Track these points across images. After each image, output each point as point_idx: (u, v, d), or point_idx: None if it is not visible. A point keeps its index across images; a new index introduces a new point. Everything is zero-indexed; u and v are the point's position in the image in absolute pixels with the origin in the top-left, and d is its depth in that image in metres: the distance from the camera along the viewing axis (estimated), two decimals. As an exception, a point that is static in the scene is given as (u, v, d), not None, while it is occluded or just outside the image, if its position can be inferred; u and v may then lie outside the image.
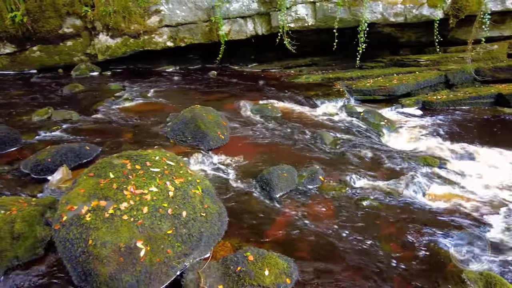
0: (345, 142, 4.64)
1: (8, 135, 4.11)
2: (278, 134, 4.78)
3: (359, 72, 7.90)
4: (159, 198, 2.39)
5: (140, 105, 5.77)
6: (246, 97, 6.20)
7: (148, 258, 2.14)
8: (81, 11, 7.70)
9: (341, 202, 3.32)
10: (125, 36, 7.96)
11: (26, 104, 5.90)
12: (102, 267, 2.07)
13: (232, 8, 7.66)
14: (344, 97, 6.47)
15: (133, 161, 2.60)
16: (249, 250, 2.37)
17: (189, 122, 4.40)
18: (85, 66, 8.13)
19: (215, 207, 2.71)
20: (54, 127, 4.75)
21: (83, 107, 5.59)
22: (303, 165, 3.89)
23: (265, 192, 3.36)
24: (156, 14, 7.83)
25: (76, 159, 3.68)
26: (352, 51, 7.84)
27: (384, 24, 7.79)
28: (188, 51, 8.96)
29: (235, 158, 4.07)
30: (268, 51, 9.30)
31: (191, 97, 6.27)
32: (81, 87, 6.73)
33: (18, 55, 8.21)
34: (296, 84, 7.20)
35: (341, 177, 3.72)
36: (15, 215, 2.53)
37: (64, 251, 2.17)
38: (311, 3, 7.51)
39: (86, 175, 2.47)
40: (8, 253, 2.41)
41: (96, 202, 2.22)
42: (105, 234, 2.09)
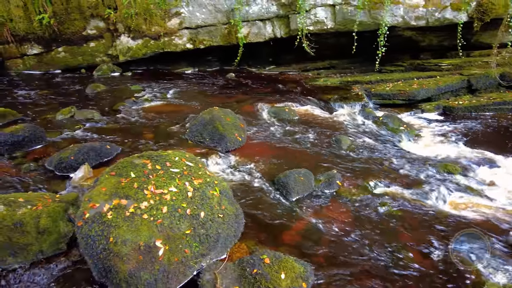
0: (363, 146, 4.59)
1: (34, 133, 4.26)
2: (295, 137, 4.77)
3: (378, 76, 7.80)
4: (178, 198, 2.43)
5: (160, 106, 5.87)
6: (264, 99, 6.22)
7: (167, 257, 2.18)
8: (105, 13, 7.90)
9: (359, 208, 3.28)
10: (145, 38, 8.13)
11: (51, 103, 6.10)
12: (122, 265, 2.12)
13: (251, 11, 7.70)
14: (363, 101, 6.40)
15: (154, 161, 2.65)
16: (266, 253, 2.38)
17: (207, 124, 4.45)
18: (106, 66, 8.33)
19: (232, 209, 2.73)
20: (76, 126, 4.89)
21: (104, 107, 5.73)
22: (320, 169, 3.87)
23: (282, 195, 3.36)
24: (177, 16, 7.96)
25: (97, 158, 3.78)
26: (371, 54, 7.76)
27: (404, 28, 7.67)
28: (206, 53, 9.06)
29: (251, 161, 4.09)
30: (286, 53, 9.30)
31: (209, 98, 6.34)
32: (103, 87, 6.90)
33: (44, 56, 8.50)
34: (314, 87, 7.17)
35: (359, 182, 3.69)
36: (41, 210, 2.61)
37: (86, 248, 2.23)
38: (331, 6, 7.47)
39: (108, 174, 2.54)
40: (33, 247, 2.50)
41: (118, 201, 2.28)
42: (126, 232, 2.14)
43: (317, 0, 7.40)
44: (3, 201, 2.57)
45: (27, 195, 2.84)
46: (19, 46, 8.29)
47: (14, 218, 2.51)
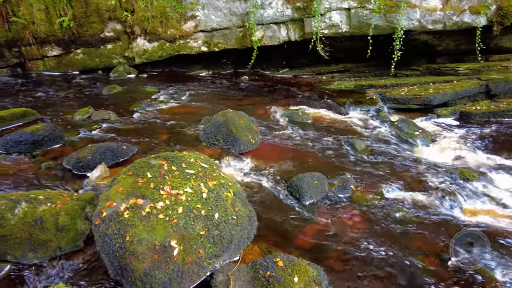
0: (378, 151, 4.55)
1: (54, 133, 4.38)
2: (308, 141, 4.76)
3: (393, 80, 7.71)
4: (193, 199, 2.46)
5: (175, 108, 5.95)
6: (277, 102, 6.23)
7: (181, 257, 2.21)
8: (122, 16, 8.06)
9: (373, 213, 3.25)
10: (161, 40, 8.26)
11: (69, 104, 6.25)
12: (137, 263, 2.15)
13: (266, 14, 7.74)
14: (377, 105, 6.35)
15: (170, 162, 2.69)
16: (279, 256, 2.38)
17: (221, 126, 4.49)
18: (123, 68, 8.49)
19: (245, 211, 2.74)
20: (93, 126, 5.00)
21: (120, 108, 5.84)
22: (334, 173, 3.85)
23: (295, 199, 3.36)
24: (192, 19, 8.06)
25: (113, 158, 3.86)
26: (386, 58, 7.69)
27: (421, 32, 7.58)
28: (221, 56, 9.14)
29: (265, 163, 4.10)
30: (300, 57, 9.29)
31: (223, 101, 6.39)
32: (119, 88, 7.04)
33: (64, 57, 8.72)
34: (328, 91, 7.14)
35: (373, 187, 3.65)
36: (60, 208, 2.68)
37: (103, 246, 2.27)
38: (346, 9, 7.44)
39: (125, 174, 2.59)
40: (52, 243, 2.57)
41: (134, 200, 2.32)
42: (142, 231, 2.18)
43: (332, 4, 7.38)
44: (25, 198, 2.65)
45: (47, 193, 2.92)
46: (40, 48, 8.53)
47: (35, 215, 2.59)
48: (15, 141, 4.19)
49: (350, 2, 7.34)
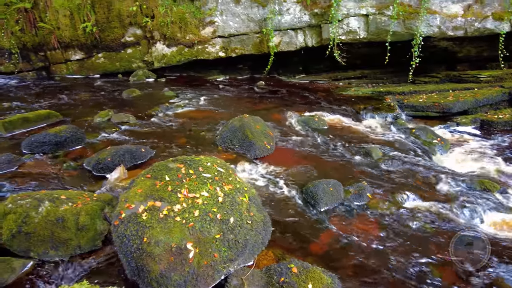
0: (395, 159, 4.49)
1: (75, 135, 4.52)
2: (324, 147, 4.75)
3: (412, 87, 7.61)
4: (210, 202, 2.49)
5: (192, 112, 6.04)
6: (293, 108, 6.24)
7: (196, 260, 2.24)
8: (142, 21, 8.27)
9: (389, 222, 3.21)
10: (180, 46, 8.41)
11: (90, 106, 6.44)
12: (154, 265, 2.20)
13: (284, 20, 7.79)
14: (395, 112, 6.28)
15: (187, 165, 2.74)
16: (293, 262, 2.38)
17: (237, 131, 4.53)
18: (142, 72, 8.68)
19: (260, 216, 2.75)
20: (113, 129, 5.13)
21: (139, 111, 5.97)
22: (350, 180, 3.82)
23: (310, 205, 3.36)
24: (210, 25, 8.19)
25: (132, 160, 3.95)
26: (404, 65, 7.60)
27: (440, 38, 7.46)
28: (237, 61, 9.23)
29: (280, 169, 4.11)
30: (316, 62, 9.29)
31: (239, 106, 6.44)
32: (138, 92, 7.20)
33: (86, 61, 9.00)
34: (345, 97, 7.11)
35: (390, 195, 3.61)
36: (80, 208, 2.77)
37: (121, 246, 2.33)
38: (364, 16, 7.41)
39: (144, 176, 2.65)
40: (72, 242, 2.64)
41: (152, 203, 2.37)
42: (159, 233, 2.23)
43: (350, 10, 7.36)
44: (48, 197, 2.74)
45: (69, 193, 3.01)
46: (64, 52, 8.83)
47: (57, 214, 2.68)
48: (39, 142, 4.34)
49: (369, 8, 7.30)
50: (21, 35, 8.50)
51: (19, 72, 8.98)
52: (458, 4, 7.01)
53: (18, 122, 5.09)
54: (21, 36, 8.51)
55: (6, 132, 4.91)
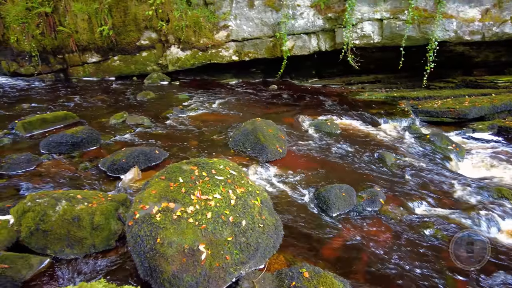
0: (409, 165, 4.44)
1: (91, 136, 4.62)
2: (336, 151, 4.72)
3: (426, 92, 7.51)
4: (222, 205, 2.51)
5: (205, 115, 6.10)
6: (306, 112, 6.23)
7: (208, 262, 2.26)
8: (157, 25, 8.40)
9: (402, 228, 3.17)
10: (194, 49, 8.51)
11: (105, 108, 6.57)
12: (166, 265, 2.22)
13: (297, 24, 7.80)
14: (409, 117, 6.20)
15: (201, 168, 2.77)
16: (305, 267, 2.38)
17: (249, 134, 4.55)
18: (156, 75, 8.81)
19: (272, 220, 2.76)
20: (128, 130, 5.22)
21: (153, 114, 6.06)
22: (362, 186, 3.79)
23: (322, 210, 3.34)
24: (224, 29, 8.27)
25: (146, 162, 4.01)
26: (419, 69, 7.51)
27: (457, 43, 7.35)
28: (250, 65, 9.28)
29: (291, 172, 4.11)
30: (330, 66, 9.26)
31: (252, 109, 6.47)
32: (152, 94, 7.30)
33: (102, 64, 9.19)
34: (358, 101, 7.06)
35: (403, 201, 3.56)
36: (95, 208, 2.82)
37: (135, 246, 2.37)
38: (378, 20, 7.36)
39: (158, 177, 2.69)
40: (87, 241, 2.70)
41: (166, 204, 2.41)
42: (172, 234, 2.25)
43: (364, 15, 7.33)
44: (65, 197, 2.81)
45: (84, 193, 3.08)
46: (81, 55, 9.05)
47: (73, 213, 2.74)
48: (56, 142, 4.46)
49: (383, 13, 7.25)
50: (41, 39, 8.75)
51: (38, 74, 9.24)
52: (476, 9, 6.90)
53: (37, 122, 5.23)
54: (41, 39, 8.76)
55: (25, 133, 5.05)
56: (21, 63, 9.20)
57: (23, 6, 8.43)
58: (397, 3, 7.16)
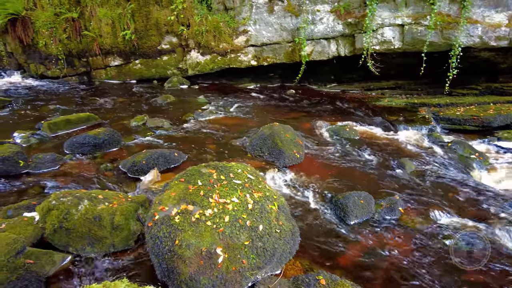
0: (429, 173, 4.34)
1: (113, 137, 4.74)
2: (355, 158, 4.67)
3: (448, 99, 7.33)
4: (239, 209, 2.53)
5: (223, 119, 6.15)
6: (324, 117, 6.20)
7: (225, 265, 2.27)
8: (178, 30, 8.56)
9: (422, 238, 3.10)
10: (213, 54, 8.62)
11: (126, 110, 6.72)
12: (184, 267, 2.25)
13: (317, 29, 7.79)
14: (430, 124, 6.06)
15: (219, 171, 2.80)
16: (321, 274, 2.36)
17: (267, 139, 4.56)
18: (176, 79, 8.97)
19: (289, 225, 2.75)
20: (148, 133, 5.33)
21: (173, 117, 6.16)
22: (381, 194, 3.73)
23: (339, 217, 3.31)
24: (244, 34, 8.34)
25: (165, 164, 4.08)
26: (440, 76, 7.34)
27: (482, 49, 7.15)
28: (268, 70, 9.31)
29: (309, 178, 4.09)
30: (349, 72, 9.18)
31: (269, 114, 6.48)
32: (172, 98, 7.43)
33: (123, 67, 9.43)
34: (377, 107, 6.96)
35: (423, 211, 3.48)
36: (116, 208, 2.89)
37: (154, 247, 2.41)
38: (399, 26, 7.26)
39: (178, 180, 2.73)
40: (107, 240, 2.77)
41: (185, 206, 2.44)
42: (190, 236, 2.28)
43: (385, 20, 7.24)
44: (87, 196, 2.89)
45: (105, 193, 3.16)
46: (104, 58, 9.32)
47: (95, 212, 2.82)
48: (79, 143, 4.59)
49: (404, 18, 7.15)
50: (67, 43, 9.07)
51: (63, 76, 9.57)
52: (502, 14, 6.71)
53: (62, 123, 5.42)
54: (67, 43, 9.08)
55: (51, 133, 5.23)
56: (48, 66, 9.55)
57: (51, 11, 8.77)
58: (419, 8, 7.05)
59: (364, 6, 7.37)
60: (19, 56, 9.85)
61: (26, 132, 5.19)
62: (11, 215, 3.05)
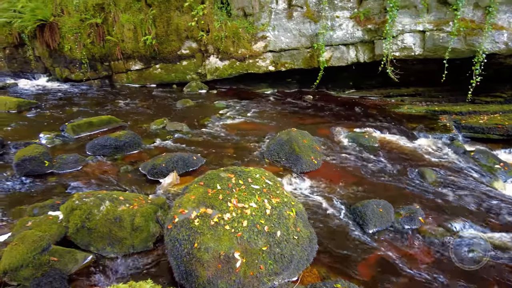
0: (450, 182, 4.23)
1: (133, 140, 4.84)
2: (373, 165, 4.61)
3: (471, 107, 7.14)
4: (258, 214, 2.54)
5: (241, 124, 6.19)
6: (342, 123, 6.15)
7: (243, 270, 2.28)
8: (198, 35, 8.69)
9: (442, 250, 3.02)
10: (232, 59, 8.71)
11: (146, 113, 6.86)
12: (202, 270, 2.27)
13: (336, 35, 7.76)
14: (451, 132, 5.92)
15: (238, 176, 2.82)
16: (339, 282, 2.34)
17: (284, 144, 4.56)
18: (195, 84, 9.09)
19: (306, 232, 2.74)
20: (167, 136, 5.42)
21: (192, 121, 6.25)
22: (400, 202, 3.67)
23: (357, 225, 3.27)
24: (262, 40, 8.39)
25: (184, 167, 4.14)
26: (463, 83, 7.16)
27: (507, 55, 6.95)
28: (286, 75, 9.31)
29: (326, 185, 4.06)
30: (367, 78, 9.08)
31: (287, 119, 6.48)
32: (191, 102, 7.54)
33: (144, 71, 9.64)
34: (397, 114, 6.86)
35: (444, 221, 3.40)
36: (136, 209, 2.95)
37: (173, 249, 2.44)
38: (420, 32, 7.15)
39: (197, 183, 2.77)
40: (127, 241, 2.82)
41: (204, 210, 2.47)
42: (209, 240, 2.31)
43: (406, 26, 7.15)
44: (109, 197, 2.97)
45: (126, 195, 3.23)
46: (125, 62, 9.55)
47: (115, 213, 2.88)
48: (101, 145, 4.72)
49: (426, 24, 7.04)
50: (91, 47, 9.35)
51: (86, 80, 9.87)
52: (529, 20, 6.51)
53: (84, 126, 5.58)
54: (91, 48, 9.36)
55: (74, 135, 5.39)
56: (72, 70, 9.87)
57: (77, 17, 9.07)
58: (442, 14, 6.93)
59: (384, 12, 7.30)
60: (46, 60, 10.22)
61: (51, 134, 5.37)
62: (37, 213, 3.15)
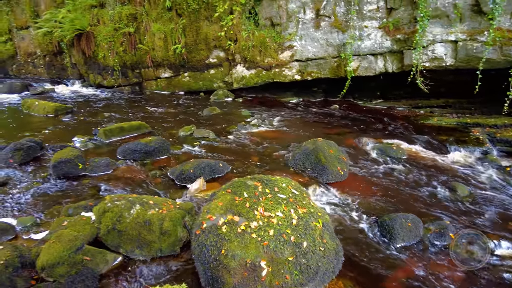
0: (484, 198, 4.06)
1: (162, 146, 4.98)
2: (402, 178, 4.50)
3: (506, 120, 6.84)
4: (284, 224, 2.54)
5: (266, 132, 6.23)
6: (369, 134, 6.05)
7: (269, 279, 2.29)
8: (226, 45, 8.87)
9: (474, 268, 2.90)
10: (258, 68, 8.81)
11: (174, 120, 7.04)
12: (228, 277, 2.30)
13: (364, 45, 7.69)
14: (485, 146, 5.68)
15: (264, 184, 2.84)
16: (366, 297, 2.29)
17: (310, 154, 4.55)
18: (222, 92, 9.25)
19: (333, 244, 2.72)
20: (194, 143, 5.54)
21: (218, 128, 6.36)
22: (430, 217, 3.56)
23: (385, 239, 3.20)
24: (289, 49, 8.45)
25: (211, 174, 4.21)
26: (496, 94, 6.89)
27: (546, 67, 6.63)
28: (312, 84, 9.30)
29: (353, 196, 4.00)
30: (396, 88, 8.92)
31: (312, 128, 6.46)
32: (218, 110, 7.67)
33: (173, 79, 9.92)
34: (426, 126, 6.68)
35: (476, 238, 3.26)
36: (165, 214, 3.03)
37: (200, 255, 2.49)
38: (452, 42, 6.96)
39: (225, 190, 2.81)
40: (155, 245, 2.90)
41: (231, 217, 2.51)
42: (236, 247, 2.33)
43: (437, 36, 6.99)
44: (139, 201, 3.07)
45: (155, 199, 3.33)
46: (155, 70, 9.88)
47: (145, 217, 2.97)
48: (131, 150, 4.88)
49: (458, 34, 6.85)
50: (123, 55, 9.75)
51: (117, 86, 10.27)
52: None
53: (116, 130, 5.80)
54: (123, 55, 9.76)
55: (106, 139, 5.62)
56: (104, 76, 10.31)
57: (111, 27, 9.51)
58: (475, 24, 6.72)
59: (414, 22, 7.18)
60: (81, 67, 10.74)
61: (84, 137, 5.62)
62: (71, 213, 3.30)
